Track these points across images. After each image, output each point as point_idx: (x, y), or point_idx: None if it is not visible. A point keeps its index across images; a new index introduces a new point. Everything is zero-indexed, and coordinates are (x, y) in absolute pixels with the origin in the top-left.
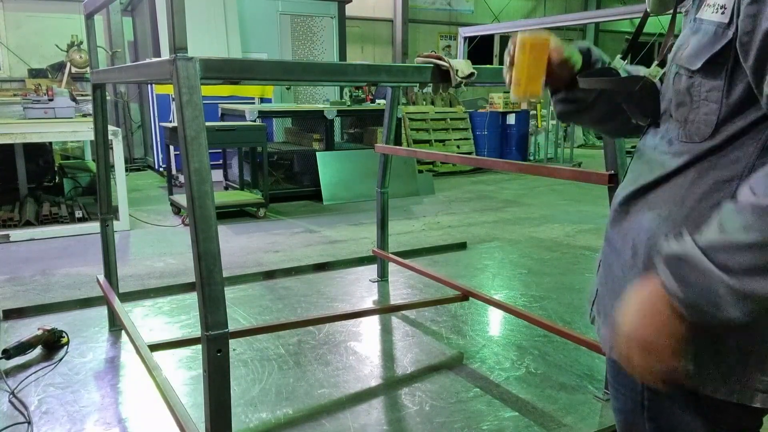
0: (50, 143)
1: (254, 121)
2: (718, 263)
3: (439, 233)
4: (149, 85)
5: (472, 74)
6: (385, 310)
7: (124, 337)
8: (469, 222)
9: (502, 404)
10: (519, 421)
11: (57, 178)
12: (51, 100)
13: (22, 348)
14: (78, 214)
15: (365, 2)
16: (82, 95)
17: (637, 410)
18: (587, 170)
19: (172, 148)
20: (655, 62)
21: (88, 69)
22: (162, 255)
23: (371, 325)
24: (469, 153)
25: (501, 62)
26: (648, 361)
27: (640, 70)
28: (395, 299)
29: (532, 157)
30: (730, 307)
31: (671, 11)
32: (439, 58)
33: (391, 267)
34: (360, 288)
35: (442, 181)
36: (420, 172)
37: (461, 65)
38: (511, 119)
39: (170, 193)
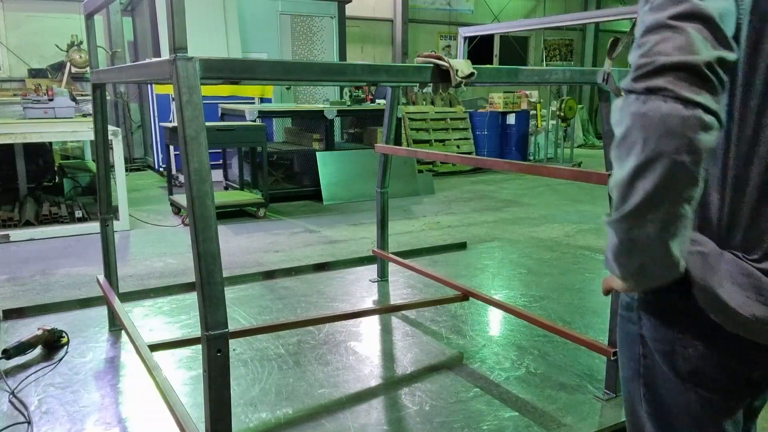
0: (50, 143)
1: (254, 121)
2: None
3: (439, 233)
4: (149, 85)
5: (472, 74)
6: (385, 310)
7: (124, 337)
8: (469, 222)
9: (502, 404)
10: (519, 421)
11: (57, 178)
12: (51, 100)
13: (22, 348)
14: (78, 214)
15: (365, 2)
16: (82, 95)
17: (635, 378)
18: (587, 170)
19: (172, 148)
20: (607, 58)
21: (88, 69)
22: (162, 255)
23: (371, 325)
24: (469, 153)
25: (501, 62)
26: None
27: None
28: (395, 299)
29: (532, 157)
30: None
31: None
32: (439, 58)
33: (391, 267)
34: (360, 288)
35: (442, 181)
36: (420, 172)
37: (461, 65)
38: (511, 119)
39: (170, 193)
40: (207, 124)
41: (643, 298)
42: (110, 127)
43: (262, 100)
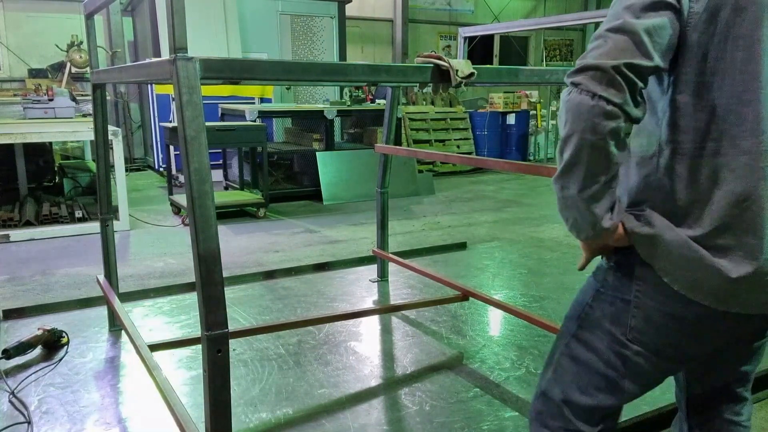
0: (50, 143)
1: (254, 121)
2: None
3: (439, 233)
4: (149, 85)
5: (471, 74)
6: (385, 310)
7: (124, 337)
8: (469, 222)
9: (502, 404)
10: (519, 421)
11: (57, 178)
12: (51, 100)
13: (22, 348)
14: (78, 214)
15: (365, 2)
16: (82, 95)
17: (574, 319)
18: None
19: (172, 148)
20: None
21: (88, 69)
22: (162, 255)
23: (371, 325)
24: (469, 153)
25: (501, 62)
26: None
27: None
28: (395, 299)
29: (532, 157)
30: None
31: None
32: (439, 58)
33: (391, 267)
34: (360, 288)
35: (442, 181)
36: (420, 172)
37: (461, 65)
38: (511, 119)
39: (170, 193)
40: (207, 124)
41: (613, 262)
42: (110, 127)
43: (262, 100)
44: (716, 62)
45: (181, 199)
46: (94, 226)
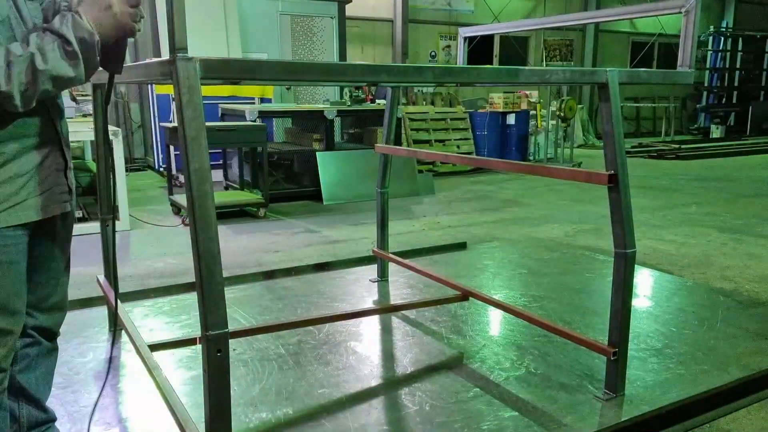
0: None
1: (254, 121)
2: None
3: (439, 233)
4: (149, 85)
5: None
6: (385, 310)
7: (124, 337)
8: (469, 222)
9: (502, 404)
10: (519, 421)
11: None
12: None
13: None
14: (78, 214)
15: (365, 2)
16: (82, 95)
17: None
18: (587, 170)
19: (172, 148)
20: None
21: None
22: (162, 255)
23: (371, 325)
24: (469, 153)
25: (501, 62)
26: None
27: None
28: (395, 299)
29: (532, 157)
30: None
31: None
32: None
33: (391, 267)
34: (360, 288)
35: (442, 181)
36: (420, 172)
37: None
38: (511, 119)
39: (170, 193)
40: (207, 124)
41: None
42: (110, 127)
43: (262, 100)
44: None
45: (181, 199)
46: (94, 226)
